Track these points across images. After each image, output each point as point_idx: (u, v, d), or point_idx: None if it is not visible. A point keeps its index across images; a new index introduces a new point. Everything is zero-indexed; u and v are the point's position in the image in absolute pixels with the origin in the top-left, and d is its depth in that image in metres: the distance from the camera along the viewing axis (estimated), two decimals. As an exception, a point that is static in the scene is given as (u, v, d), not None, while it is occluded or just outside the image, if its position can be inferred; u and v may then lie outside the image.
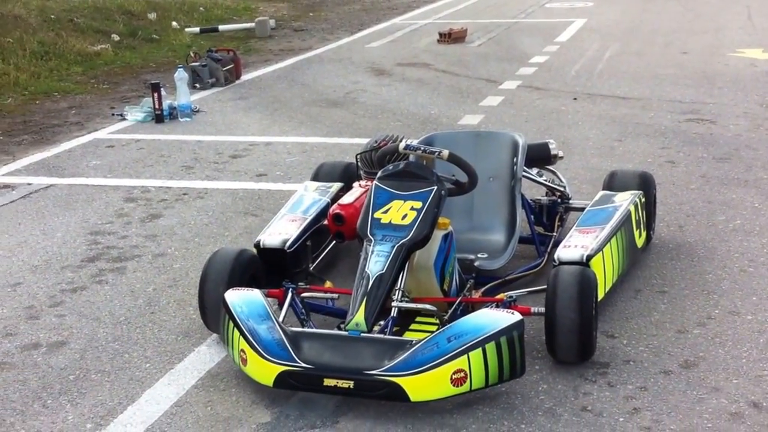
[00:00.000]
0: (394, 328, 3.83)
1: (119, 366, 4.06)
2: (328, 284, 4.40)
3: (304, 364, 3.56)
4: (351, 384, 3.52)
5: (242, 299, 3.86)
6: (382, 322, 3.81)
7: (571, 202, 5.25)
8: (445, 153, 4.26)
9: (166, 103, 9.03)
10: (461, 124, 8.34)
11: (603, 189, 5.15)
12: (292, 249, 4.52)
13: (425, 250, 4.09)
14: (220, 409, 3.67)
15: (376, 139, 5.23)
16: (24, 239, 5.76)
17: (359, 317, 3.73)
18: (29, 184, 7.01)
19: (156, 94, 8.97)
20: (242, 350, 3.72)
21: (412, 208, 4.02)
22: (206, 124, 8.81)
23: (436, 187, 4.08)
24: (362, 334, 3.68)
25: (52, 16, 14.21)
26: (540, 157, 5.37)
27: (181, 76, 9.05)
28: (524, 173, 5.05)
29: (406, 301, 3.94)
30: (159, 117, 8.96)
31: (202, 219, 6.00)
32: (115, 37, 13.90)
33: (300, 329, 3.82)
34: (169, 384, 3.88)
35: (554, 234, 5.01)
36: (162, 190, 6.69)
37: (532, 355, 3.94)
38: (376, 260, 3.88)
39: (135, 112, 9.21)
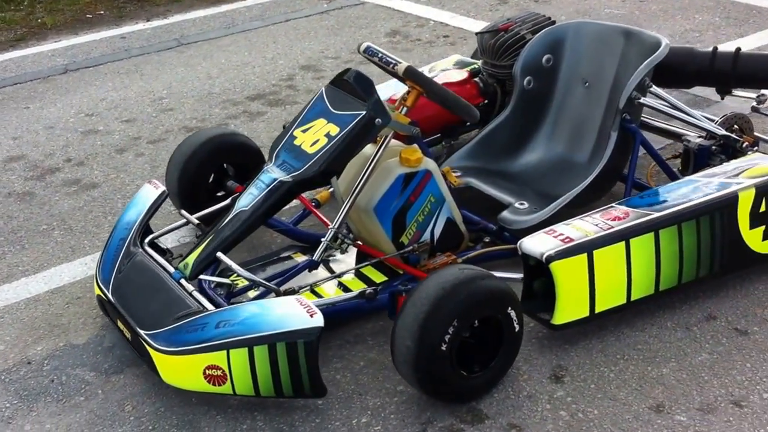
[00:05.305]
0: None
1: (85, 228, 3.57)
2: (322, 194, 3.37)
3: (110, 296, 2.80)
4: (130, 336, 2.69)
5: (144, 196, 3.11)
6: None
7: (748, 151, 3.25)
8: (402, 66, 2.82)
9: None
10: None
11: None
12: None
13: (367, 190, 2.87)
14: (68, 311, 3.02)
15: (510, 17, 3.74)
16: (250, 61, 5.37)
17: (191, 258, 2.76)
18: (347, -2, 6.54)
19: None
20: (104, 253, 3.04)
21: (327, 135, 2.77)
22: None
23: (363, 113, 2.74)
24: (182, 281, 2.75)
25: None
26: (764, 74, 3.44)
27: None
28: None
29: (333, 246, 2.84)
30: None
31: (411, 70, 5.01)
32: None
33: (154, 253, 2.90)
34: (84, 264, 3.31)
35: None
36: (436, 27, 5.70)
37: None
38: (249, 192, 2.80)
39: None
